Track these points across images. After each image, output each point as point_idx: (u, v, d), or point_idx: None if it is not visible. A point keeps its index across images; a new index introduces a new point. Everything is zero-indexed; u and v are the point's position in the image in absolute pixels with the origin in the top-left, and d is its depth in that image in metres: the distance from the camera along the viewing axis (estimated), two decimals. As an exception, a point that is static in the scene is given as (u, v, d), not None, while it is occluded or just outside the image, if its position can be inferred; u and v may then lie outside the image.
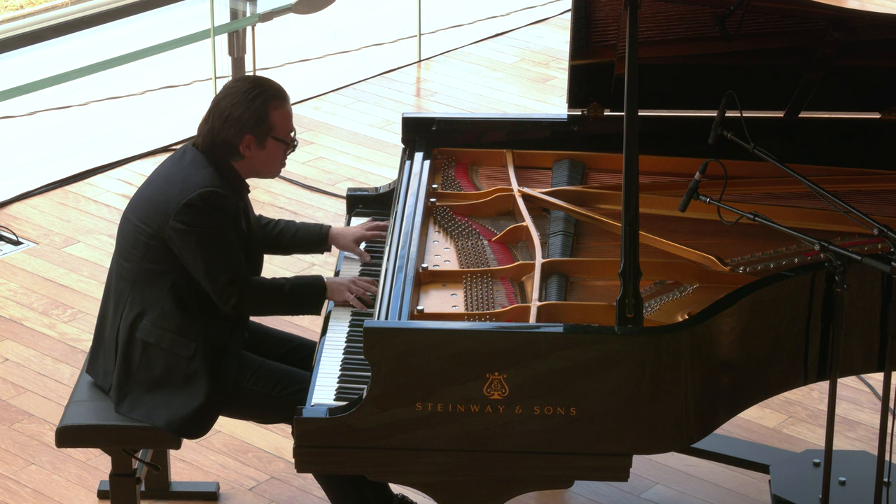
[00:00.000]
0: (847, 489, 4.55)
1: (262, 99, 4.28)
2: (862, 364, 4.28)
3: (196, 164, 4.30)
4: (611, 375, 3.87)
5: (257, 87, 4.30)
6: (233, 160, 4.31)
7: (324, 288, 4.36)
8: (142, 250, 4.30)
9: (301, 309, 4.38)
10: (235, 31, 7.36)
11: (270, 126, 4.30)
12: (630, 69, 3.95)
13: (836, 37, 4.51)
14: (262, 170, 4.37)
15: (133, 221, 4.33)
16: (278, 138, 4.32)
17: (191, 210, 4.22)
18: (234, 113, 4.28)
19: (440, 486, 3.98)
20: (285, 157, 4.37)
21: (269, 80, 4.37)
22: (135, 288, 4.32)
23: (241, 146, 4.29)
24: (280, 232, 4.64)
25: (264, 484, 4.95)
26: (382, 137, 7.22)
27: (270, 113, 4.29)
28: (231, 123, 4.28)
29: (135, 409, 4.31)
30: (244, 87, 4.30)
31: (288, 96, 4.36)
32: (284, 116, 4.32)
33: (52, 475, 4.99)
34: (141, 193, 4.38)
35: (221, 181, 4.28)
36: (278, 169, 4.39)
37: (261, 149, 4.31)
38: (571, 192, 4.62)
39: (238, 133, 4.28)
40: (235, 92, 4.30)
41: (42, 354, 5.61)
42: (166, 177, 4.33)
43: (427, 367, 3.86)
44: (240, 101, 4.28)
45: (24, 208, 6.59)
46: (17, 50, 7.03)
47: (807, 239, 4.00)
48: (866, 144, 4.76)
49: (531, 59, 8.10)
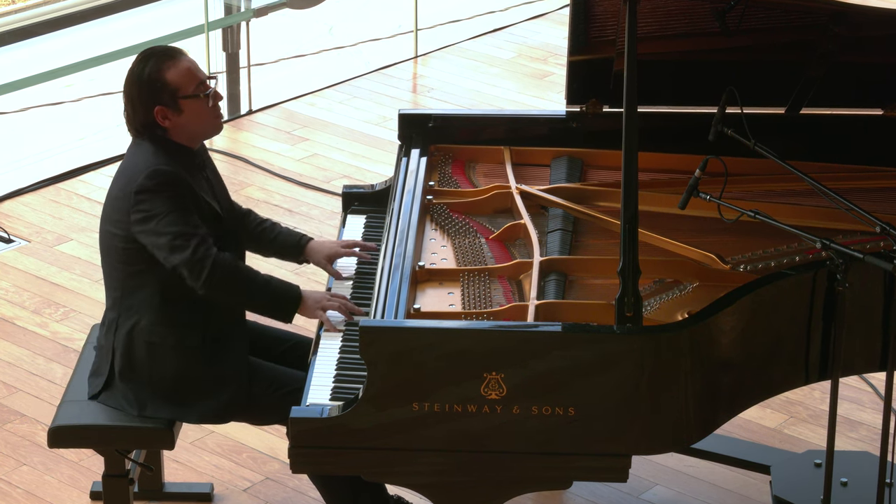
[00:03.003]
0: (849, 490, 4.55)
1: (150, 67, 4.21)
2: (864, 364, 4.28)
3: (139, 152, 4.25)
4: (610, 375, 3.86)
5: (143, 58, 4.23)
6: (164, 134, 4.25)
7: (299, 298, 4.26)
8: (121, 255, 4.27)
9: (271, 308, 4.26)
10: (230, 27, 7.35)
11: (173, 88, 4.21)
12: (629, 65, 3.94)
13: (837, 32, 4.51)
14: (197, 131, 4.29)
15: (106, 228, 4.31)
16: (189, 95, 4.23)
17: (142, 195, 4.17)
18: (133, 92, 4.23)
19: (437, 487, 3.97)
20: (214, 109, 4.27)
21: (155, 46, 4.29)
22: (124, 292, 4.30)
23: (158, 119, 4.23)
24: (263, 230, 4.58)
25: (259, 485, 4.93)
26: (379, 134, 7.21)
27: (165, 76, 4.21)
28: (137, 104, 4.22)
29: (159, 411, 4.28)
30: (134, 65, 4.25)
31: (181, 52, 4.26)
32: (182, 72, 4.22)
33: (44, 476, 4.97)
34: (106, 199, 4.35)
35: (164, 157, 4.21)
36: (214, 124, 4.30)
37: (178, 114, 4.23)
38: (570, 190, 4.62)
39: (147, 110, 4.22)
40: (129, 74, 4.25)
41: (34, 354, 5.59)
42: (118, 174, 4.30)
43: (424, 367, 3.85)
44: (133, 81, 4.23)
45: (16, 206, 6.58)
46: (9, 45, 7.01)
47: (808, 237, 4.00)
48: (868, 141, 4.77)
49: (529, 54, 8.09)
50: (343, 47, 8.19)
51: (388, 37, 8.29)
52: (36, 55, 7.25)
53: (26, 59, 7.22)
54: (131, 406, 4.29)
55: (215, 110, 4.28)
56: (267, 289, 4.25)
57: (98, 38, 7.39)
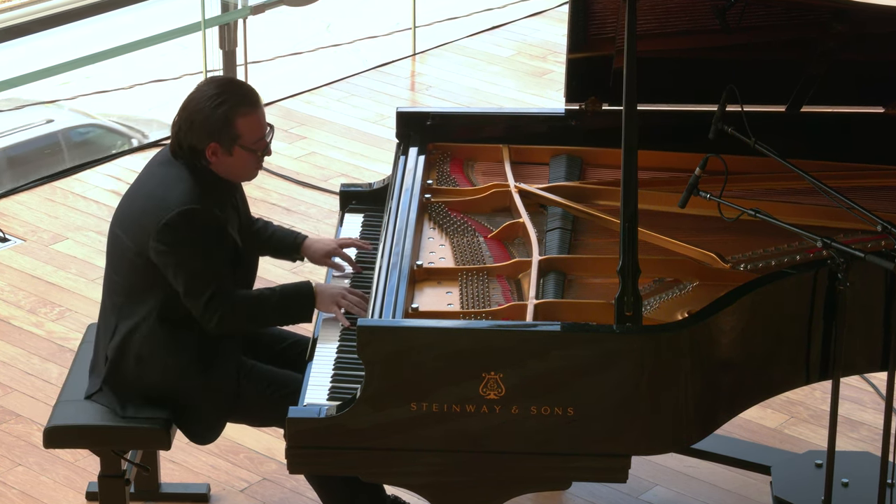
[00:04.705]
0: (850, 491, 4.55)
1: (227, 106, 4.17)
2: (865, 363, 4.27)
3: (174, 176, 4.21)
4: (609, 375, 3.85)
5: (224, 92, 4.19)
6: (206, 165, 4.23)
7: (312, 295, 4.27)
8: (129, 266, 4.26)
9: (290, 319, 4.30)
10: (226, 24, 7.34)
11: (237, 134, 4.19)
12: (629, 63, 3.93)
13: (839, 30, 4.51)
14: (234, 176, 4.29)
15: (119, 236, 4.29)
16: (246, 147, 4.22)
17: (169, 230, 4.14)
18: (197, 119, 4.18)
19: (435, 488, 3.96)
20: (259, 162, 4.28)
21: (239, 84, 4.26)
22: (126, 301, 4.29)
23: (206, 152, 4.21)
24: (257, 230, 4.58)
25: (256, 485, 4.92)
26: (376, 132, 7.20)
27: (237, 121, 4.18)
28: (195, 130, 4.18)
29: (139, 413, 4.28)
30: (211, 91, 4.19)
31: (259, 101, 4.25)
32: (252, 124, 4.21)
33: (39, 476, 4.96)
34: (125, 207, 4.32)
35: (201, 192, 4.19)
36: (252, 174, 4.31)
37: (228, 156, 4.22)
38: (569, 188, 4.61)
39: (202, 140, 4.19)
40: (202, 97, 4.19)
41: (29, 353, 5.57)
42: (147, 194, 4.25)
43: (422, 367, 3.84)
44: (204, 107, 4.18)
45: (12, 204, 6.57)
46: (4, 43, 6.99)
47: (809, 236, 3.99)
48: (869, 139, 4.76)
49: (528, 52, 8.08)
50: (341, 45, 8.18)
51: (386, 34, 8.28)
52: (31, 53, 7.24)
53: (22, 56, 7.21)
54: (122, 409, 4.29)
55: (260, 163, 4.29)
56: (282, 308, 4.25)
57: (94, 36, 7.38)
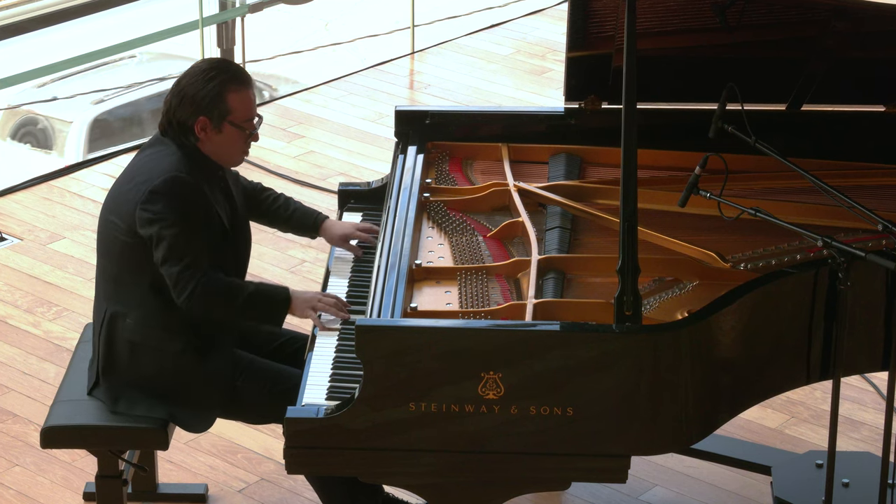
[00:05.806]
0: (850, 491, 4.54)
1: (219, 80, 4.20)
2: (866, 363, 4.27)
3: (162, 150, 4.23)
4: (609, 375, 3.84)
5: (217, 68, 4.23)
6: (195, 142, 4.23)
7: (288, 297, 4.25)
8: (119, 248, 4.25)
9: (262, 316, 4.26)
10: (224, 23, 7.33)
11: (227, 109, 4.21)
12: (628, 61, 3.93)
13: (839, 28, 4.50)
14: (221, 155, 4.28)
15: (109, 218, 4.29)
16: (235, 123, 4.22)
17: (155, 197, 4.15)
18: (188, 92, 4.20)
19: (434, 488, 3.95)
20: (246, 145, 4.28)
21: (232, 63, 4.31)
22: (118, 287, 4.28)
23: (195, 127, 4.21)
24: (278, 207, 4.61)
25: (254, 486, 4.92)
26: (375, 131, 7.20)
27: (228, 95, 4.20)
28: (186, 103, 4.20)
29: (133, 407, 4.26)
30: (204, 66, 4.24)
31: (250, 81, 4.28)
32: (244, 101, 4.23)
33: (36, 476, 4.95)
34: (113, 188, 4.34)
35: (189, 166, 4.20)
36: (238, 158, 4.30)
37: (217, 133, 4.22)
38: (568, 187, 4.60)
39: (192, 113, 4.20)
40: (195, 71, 4.23)
41: (26, 353, 5.57)
42: (134, 166, 4.28)
43: (420, 367, 3.83)
44: (196, 81, 4.20)
45: (8, 203, 6.56)
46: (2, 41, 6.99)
47: (810, 235, 3.99)
48: (870, 138, 4.75)
49: (527, 50, 8.08)
50: (339, 43, 8.18)
51: (384, 33, 8.28)
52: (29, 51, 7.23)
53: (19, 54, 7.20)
54: (114, 404, 4.27)
55: (246, 147, 4.29)
56: (253, 303, 4.22)
57: (92, 34, 7.37)
